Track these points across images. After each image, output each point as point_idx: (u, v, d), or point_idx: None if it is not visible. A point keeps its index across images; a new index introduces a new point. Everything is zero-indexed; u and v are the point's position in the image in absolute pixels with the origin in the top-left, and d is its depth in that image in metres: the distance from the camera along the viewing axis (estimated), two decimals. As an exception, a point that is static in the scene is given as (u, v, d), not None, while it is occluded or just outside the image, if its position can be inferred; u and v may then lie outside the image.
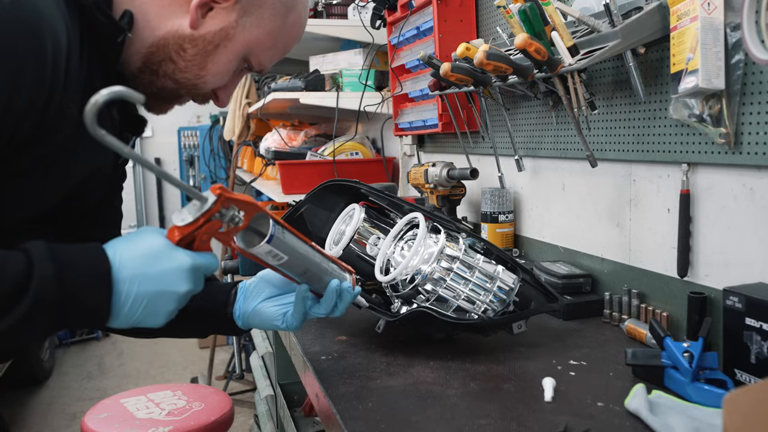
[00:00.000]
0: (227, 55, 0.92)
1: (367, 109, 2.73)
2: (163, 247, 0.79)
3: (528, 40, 1.25)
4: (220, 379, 4.21)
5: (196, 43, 0.90)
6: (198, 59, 0.91)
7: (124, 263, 0.76)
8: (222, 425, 2.32)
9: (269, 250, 0.91)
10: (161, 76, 0.92)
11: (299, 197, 2.67)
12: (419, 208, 1.32)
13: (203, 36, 0.90)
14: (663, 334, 1.11)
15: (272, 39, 0.95)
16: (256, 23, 0.92)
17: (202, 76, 0.93)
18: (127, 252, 0.77)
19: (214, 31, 0.90)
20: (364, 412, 1.01)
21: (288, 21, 0.95)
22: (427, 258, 1.21)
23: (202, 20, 0.89)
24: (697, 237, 1.25)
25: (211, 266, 0.83)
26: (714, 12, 1.07)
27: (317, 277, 1.02)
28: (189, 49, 0.90)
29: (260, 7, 0.92)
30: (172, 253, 0.79)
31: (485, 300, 1.20)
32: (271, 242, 0.90)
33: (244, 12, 0.91)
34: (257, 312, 1.06)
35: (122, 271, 0.76)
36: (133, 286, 0.76)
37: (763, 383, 0.60)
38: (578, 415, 0.98)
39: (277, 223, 0.91)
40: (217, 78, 0.95)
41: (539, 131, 1.73)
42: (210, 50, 0.91)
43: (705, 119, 1.15)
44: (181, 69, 0.92)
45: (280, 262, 0.95)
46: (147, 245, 0.78)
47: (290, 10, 0.95)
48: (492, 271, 1.22)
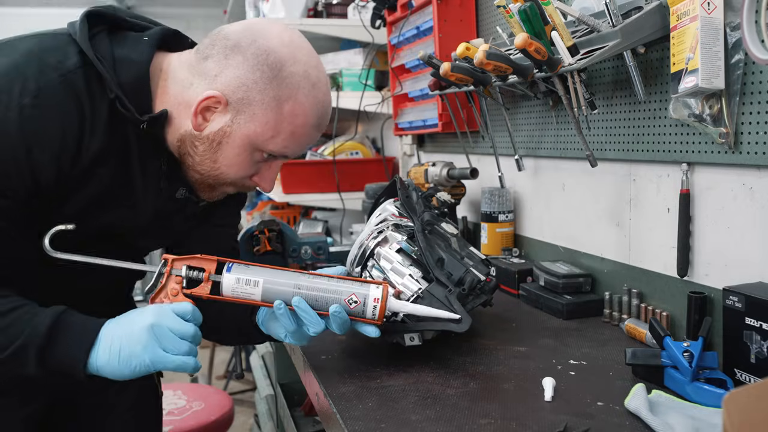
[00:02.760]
0: (233, 150, 1.05)
1: (367, 109, 2.73)
2: (140, 309, 1.01)
3: (528, 39, 1.25)
4: (220, 378, 4.21)
5: (203, 141, 1.05)
6: (208, 154, 1.06)
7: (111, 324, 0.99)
8: (222, 425, 2.32)
9: (236, 278, 1.04)
10: (188, 167, 1.08)
11: (299, 197, 2.65)
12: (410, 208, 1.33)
13: (207, 136, 1.04)
14: (663, 334, 1.11)
15: (272, 129, 1.04)
16: (249, 119, 1.03)
17: (216, 168, 1.07)
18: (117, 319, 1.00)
19: (215, 131, 1.04)
20: (364, 412, 1.01)
21: (284, 111, 1.03)
22: (359, 252, 1.30)
23: (205, 123, 1.04)
24: (697, 236, 1.25)
25: (178, 307, 1.00)
26: (714, 12, 1.07)
27: (315, 293, 1.07)
28: (199, 146, 1.05)
29: (249, 105, 1.02)
30: (143, 308, 1.01)
31: None
32: (231, 271, 1.05)
33: (236, 112, 1.03)
34: (269, 320, 1.15)
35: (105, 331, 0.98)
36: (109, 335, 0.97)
37: (763, 383, 0.60)
38: (578, 414, 0.98)
39: (238, 262, 1.06)
40: (234, 169, 1.07)
41: (539, 131, 1.73)
42: (215, 147, 1.05)
43: (705, 119, 1.15)
44: (198, 162, 1.07)
45: (259, 287, 1.05)
46: (132, 312, 1.01)
47: (284, 101, 1.03)
48: (397, 280, 1.22)
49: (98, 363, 0.96)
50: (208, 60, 1.04)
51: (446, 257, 1.24)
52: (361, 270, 1.29)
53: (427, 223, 1.30)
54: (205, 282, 1.04)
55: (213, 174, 1.08)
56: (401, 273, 1.22)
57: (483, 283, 1.25)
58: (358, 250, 1.33)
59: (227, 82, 1.02)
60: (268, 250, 1.73)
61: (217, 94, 1.02)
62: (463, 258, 1.30)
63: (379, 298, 1.07)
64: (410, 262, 1.24)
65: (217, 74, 1.03)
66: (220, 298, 1.05)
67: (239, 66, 1.02)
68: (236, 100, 1.02)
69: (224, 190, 1.13)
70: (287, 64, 1.03)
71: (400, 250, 1.26)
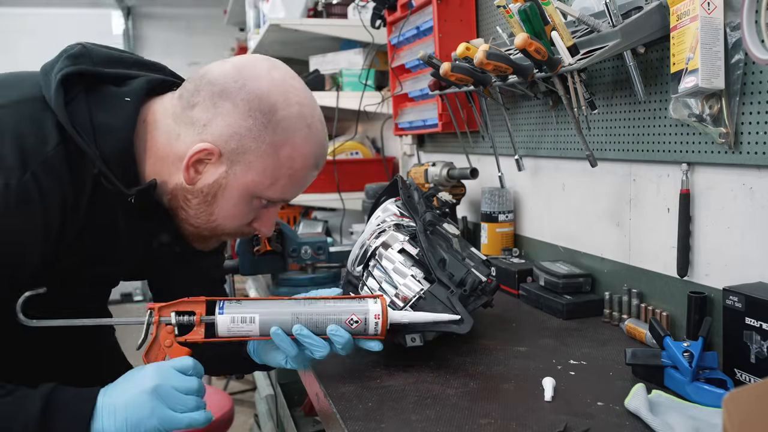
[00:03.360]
0: (229, 201, 1.01)
1: (367, 109, 2.73)
2: (135, 370, 0.97)
3: (528, 39, 1.25)
4: (221, 378, 4.21)
5: (196, 194, 1.01)
6: (203, 207, 1.01)
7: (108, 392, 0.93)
8: (222, 425, 2.32)
9: (231, 317, 1.01)
10: (182, 220, 1.04)
11: (299, 197, 2.66)
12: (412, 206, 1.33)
13: (201, 189, 1.00)
14: (663, 334, 1.11)
15: (270, 177, 1.00)
16: (245, 169, 0.99)
17: (213, 220, 1.03)
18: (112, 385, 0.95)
19: (209, 184, 1.00)
20: (364, 412, 1.01)
21: (282, 156, 0.99)
22: (360, 252, 1.30)
23: (198, 176, 0.99)
24: (697, 236, 1.25)
25: (179, 363, 0.95)
26: (714, 12, 1.07)
27: (315, 318, 1.04)
28: (192, 199, 1.01)
29: (244, 154, 0.98)
30: (139, 369, 0.96)
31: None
32: (224, 311, 1.01)
33: (231, 162, 0.98)
34: (265, 350, 1.13)
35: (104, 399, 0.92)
36: (110, 404, 0.91)
37: (763, 383, 0.60)
38: (578, 414, 0.98)
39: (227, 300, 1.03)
40: (231, 220, 1.03)
41: (539, 131, 1.73)
42: (210, 200, 1.01)
43: (705, 119, 1.15)
44: (192, 216, 1.03)
45: (256, 323, 1.01)
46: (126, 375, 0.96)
47: (281, 146, 0.99)
48: (399, 281, 1.22)
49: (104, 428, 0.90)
50: (195, 108, 0.98)
51: (448, 258, 1.24)
52: (363, 269, 1.29)
53: (429, 224, 1.30)
54: (197, 326, 1.00)
55: (209, 226, 1.04)
56: (403, 273, 1.22)
57: (484, 284, 1.25)
58: (359, 250, 1.33)
59: (219, 132, 0.97)
60: (268, 250, 1.73)
61: (209, 146, 0.97)
62: (465, 259, 1.30)
63: (380, 313, 1.06)
64: (412, 262, 1.24)
65: (207, 123, 0.97)
66: (217, 340, 1.01)
67: (230, 114, 0.97)
68: (230, 150, 0.97)
69: (220, 239, 1.10)
70: (281, 108, 0.98)
71: (402, 251, 1.26)
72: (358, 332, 1.06)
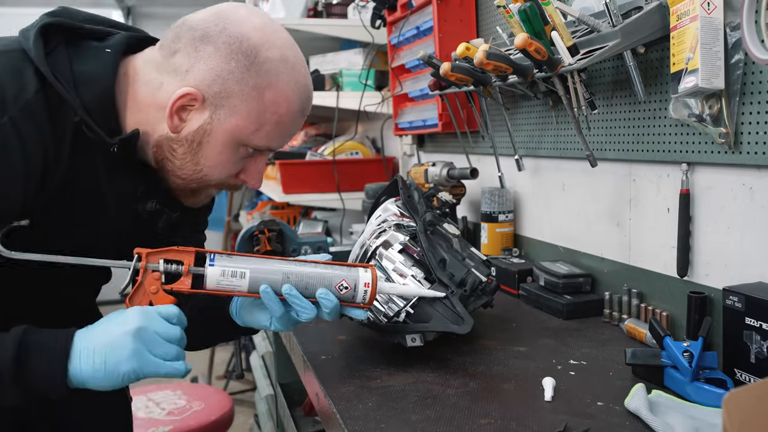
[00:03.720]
0: (215, 148, 0.98)
1: (367, 109, 2.73)
2: (117, 312, 0.92)
3: (528, 39, 1.25)
4: (220, 378, 4.21)
5: (182, 143, 0.98)
6: (189, 156, 0.99)
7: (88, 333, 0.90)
8: (222, 425, 2.33)
9: (221, 270, 0.97)
10: (168, 172, 1.01)
11: (299, 197, 2.66)
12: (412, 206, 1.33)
13: (186, 137, 0.97)
14: (663, 334, 1.11)
15: (255, 122, 0.97)
16: (229, 113, 0.96)
17: (199, 170, 1.00)
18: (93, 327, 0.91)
19: (194, 131, 0.97)
20: (364, 412, 1.01)
21: (266, 100, 0.96)
22: (360, 252, 1.29)
23: (182, 123, 0.97)
24: (697, 237, 1.25)
25: (164, 310, 0.93)
26: (714, 12, 1.07)
27: (305, 279, 1.02)
28: (178, 148, 0.98)
29: (228, 98, 0.95)
30: (122, 311, 0.92)
31: (384, 303, 1.21)
32: (214, 263, 0.97)
33: (215, 107, 0.96)
34: (246, 308, 1.09)
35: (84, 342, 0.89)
36: (88, 344, 0.88)
37: (763, 383, 0.60)
38: (578, 414, 0.98)
39: (219, 253, 0.99)
40: (218, 169, 1.00)
41: (539, 131, 1.73)
42: (195, 148, 0.98)
43: (705, 119, 1.15)
44: (178, 167, 1.00)
45: (246, 279, 0.98)
46: (108, 316, 0.93)
47: (264, 89, 0.96)
48: (399, 281, 1.21)
49: (83, 375, 0.87)
50: (176, 55, 0.96)
51: (448, 258, 1.25)
52: None
53: (429, 224, 1.30)
54: (185, 276, 0.96)
55: (196, 177, 1.01)
56: (404, 273, 1.22)
57: (484, 285, 1.25)
58: (360, 250, 1.33)
59: (201, 77, 0.95)
60: (268, 250, 1.73)
61: (192, 91, 0.94)
62: (465, 259, 1.30)
63: (369, 282, 1.04)
64: (413, 262, 1.24)
65: (189, 69, 0.95)
66: (203, 292, 0.98)
67: (211, 57, 0.95)
68: (213, 94, 0.95)
69: (209, 193, 1.07)
70: (262, 50, 0.96)
71: (403, 251, 1.26)
72: (346, 299, 1.04)
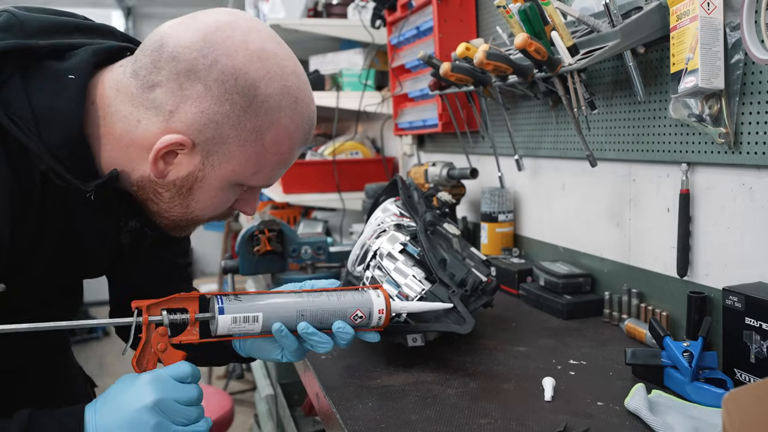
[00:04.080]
0: (207, 192, 0.88)
1: (367, 109, 2.73)
2: (126, 380, 0.83)
3: (528, 39, 1.25)
4: (220, 378, 4.21)
5: (168, 188, 0.87)
6: (177, 200, 0.89)
7: (98, 412, 0.81)
8: (222, 425, 2.32)
9: (233, 317, 0.90)
10: (154, 213, 0.92)
11: (299, 197, 2.65)
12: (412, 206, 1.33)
13: (173, 182, 0.87)
14: (663, 334, 1.11)
15: (254, 165, 0.87)
16: (225, 159, 0.85)
17: (190, 212, 0.91)
18: (101, 400, 0.82)
19: (182, 177, 0.86)
20: (364, 412, 1.01)
21: (266, 142, 0.86)
22: (361, 252, 1.30)
23: (169, 167, 0.85)
24: (697, 237, 1.25)
25: (177, 371, 0.84)
26: (714, 12, 1.07)
27: (320, 314, 0.97)
28: (164, 193, 0.88)
29: (223, 143, 0.84)
30: (131, 379, 0.83)
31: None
32: (224, 312, 0.89)
33: (207, 153, 0.85)
34: (256, 344, 1.03)
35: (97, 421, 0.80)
36: (105, 426, 0.79)
37: (763, 382, 0.60)
38: (578, 414, 0.98)
39: (224, 295, 0.91)
40: (211, 209, 0.91)
41: (539, 131, 1.73)
42: (185, 193, 0.88)
43: (704, 119, 1.15)
44: (165, 209, 0.90)
45: (260, 322, 0.92)
46: (116, 386, 0.83)
47: (265, 131, 0.85)
48: (400, 281, 1.21)
49: None
50: (156, 89, 0.82)
51: (449, 258, 1.25)
52: (364, 270, 1.29)
53: (429, 224, 1.30)
54: (191, 325, 0.88)
55: (186, 218, 0.92)
56: (404, 273, 1.22)
57: (484, 284, 1.25)
58: (360, 250, 1.33)
59: (190, 120, 0.82)
60: (268, 250, 1.73)
61: (181, 138, 0.82)
62: (465, 259, 1.30)
63: (383, 308, 1.01)
64: (413, 262, 1.24)
65: (173, 110, 0.82)
66: (215, 340, 0.91)
67: (201, 98, 0.81)
68: (205, 140, 0.83)
69: (199, 225, 0.97)
70: (261, 85, 0.83)
71: (404, 251, 1.26)
72: (361, 326, 1.01)
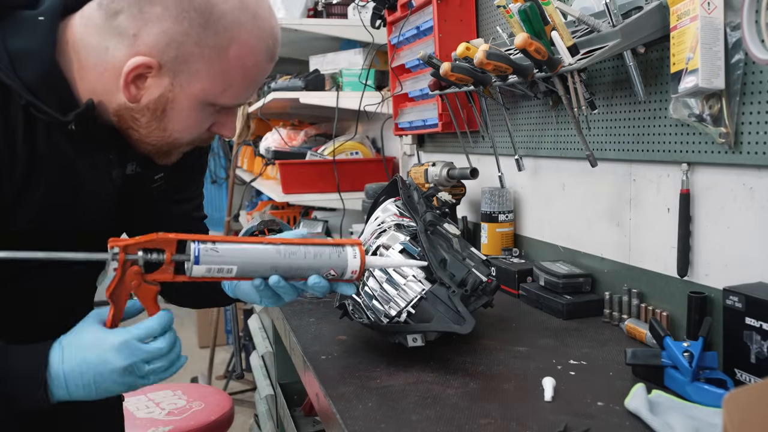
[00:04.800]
0: (181, 113, 0.92)
1: (367, 109, 2.73)
2: (95, 334, 0.88)
3: (528, 39, 1.25)
4: (220, 378, 4.21)
5: (143, 112, 0.92)
6: (154, 124, 0.93)
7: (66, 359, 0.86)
8: (222, 425, 2.32)
9: (207, 268, 0.91)
10: (137, 141, 0.96)
11: (299, 197, 2.65)
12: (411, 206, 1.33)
13: (146, 105, 0.91)
14: (663, 334, 1.11)
15: (221, 83, 0.91)
16: (193, 78, 0.90)
17: (168, 135, 0.95)
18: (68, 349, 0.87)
19: (154, 99, 0.90)
20: (364, 412, 1.01)
21: (230, 58, 0.90)
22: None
23: (140, 92, 0.90)
24: (697, 237, 1.25)
25: (146, 330, 0.88)
26: (714, 12, 1.07)
27: (294, 270, 0.97)
28: (140, 118, 0.92)
29: (188, 62, 0.88)
30: (100, 335, 0.88)
31: (385, 304, 1.21)
32: (199, 262, 0.90)
33: (174, 73, 0.89)
34: (240, 288, 1.06)
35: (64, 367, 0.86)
36: (72, 379, 0.86)
37: (763, 383, 0.60)
38: (578, 414, 0.98)
39: (203, 241, 0.91)
40: (188, 131, 0.95)
41: (539, 131, 1.73)
42: (159, 115, 0.92)
43: (705, 119, 1.15)
44: (144, 135, 0.94)
45: (234, 273, 0.93)
46: (84, 337, 0.88)
47: (226, 48, 0.89)
48: (400, 281, 1.21)
49: (72, 397, 0.87)
50: (119, 16, 0.87)
51: (449, 258, 1.25)
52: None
53: (429, 224, 1.30)
54: (167, 264, 0.90)
55: (166, 142, 0.96)
56: (404, 273, 1.22)
57: (484, 284, 1.25)
58: None
59: (152, 42, 0.86)
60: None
61: (146, 60, 0.86)
62: (465, 259, 1.30)
63: (357, 269, 0.99)
64: None
65: (136, 33, 0.86)
66: (188, 280, 0.92)
67: (161, 19, 0.86)
68: (170, 59, 0.87)
69: (182, 151, 1.02)
70: (218, 2, 0.87)
71: (404, 251, 1.26)
72: (334, 279, 1.00)
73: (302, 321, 1.50)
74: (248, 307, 3.80)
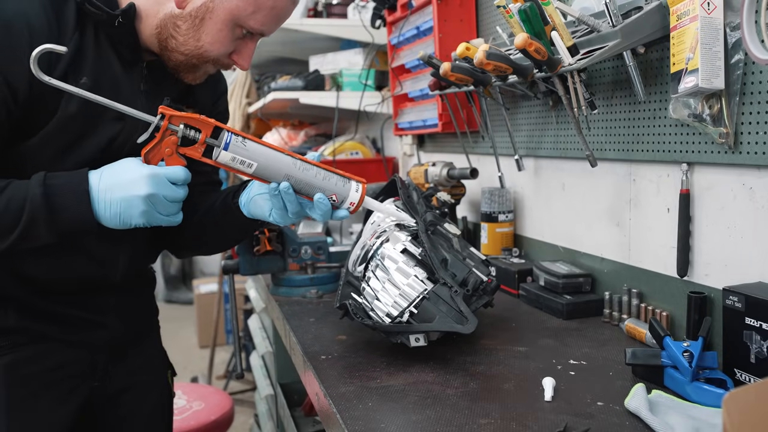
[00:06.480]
0: (215, 25, 1.08)
1: (367, 109, 2.73)
2: (130, 164, 1.03)
3: (528, 39, 1.25)
4: (220, 378, 4.21)
5: (186, 19, 1.08)
6: (191, 32, 1.09)
7: (103, 180, 1.02)
8: (222, 425, 2.33)
9: (232, 156, 1.04)
10: (171, 50, 1.12)
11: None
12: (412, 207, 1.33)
13: (189, 13, 1.08)
14: (663, 334, 1.11)
15: (253, 4, 1.07)
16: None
17: (200, 46, 1.10)
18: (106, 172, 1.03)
19: (197, 7, 1.08)
20: (364, 412, 1.01)
21: None
22: (361, 252, 1.31)
23: (188, 1, 1.07)
24: (697, 237, 1.25)
25: (173, 174, 1.03)
26: (714, 12, 1.07)
27: (303, 184, 1.07)
28: (181, 25, 1.09)
29: None
30: (135, 167, 1.02)
31: (387, 304, 1.21)
32: (228, 149, 1.03)
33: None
34: (254, 201, 1.15)
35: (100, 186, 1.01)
36: (106, 195, 1.01)
37: (763, 383, 0.60)
38: (578, 414, 0.98)
39: (236, 134, 1.04)
40: (217, 45, 1.11)
41: (539, 131, 1.73)
42: (198, 23, 1.08)
43: (705, 119, 1.15)
44: (181, 43, 1.10)
45: (252, 169, 1.05)
46: (120, 166, 1.03)
47: None
48: (402, 281, 1.21)
49: (100, 221, 1.02)
50: None
51: (449, 258, 1.25)
52: (364, 270, 1.29)
53: (429, 224, 1.30)
54: (200, 144, 1.03)
55: (197, 53, 1.11)
56: (406, 273, 1.22)
57: (485, 284, 1.25)
58: (360, 251, 1.33)
59: None
60: (269, 250, 1.73)
61: None
62: (465, 259, 1.30)
63: (355, 202, 1.10)
64: (415, 262, 1.24)
65: None
66: (212, 163, 1.05)
67: None
68: None
69: (206, 70, 1.16)
70: None
71: (405, 251, 1.26)
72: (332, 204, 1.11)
73: (302, 321, 1.50)
74: (248, 307, 3.80)
